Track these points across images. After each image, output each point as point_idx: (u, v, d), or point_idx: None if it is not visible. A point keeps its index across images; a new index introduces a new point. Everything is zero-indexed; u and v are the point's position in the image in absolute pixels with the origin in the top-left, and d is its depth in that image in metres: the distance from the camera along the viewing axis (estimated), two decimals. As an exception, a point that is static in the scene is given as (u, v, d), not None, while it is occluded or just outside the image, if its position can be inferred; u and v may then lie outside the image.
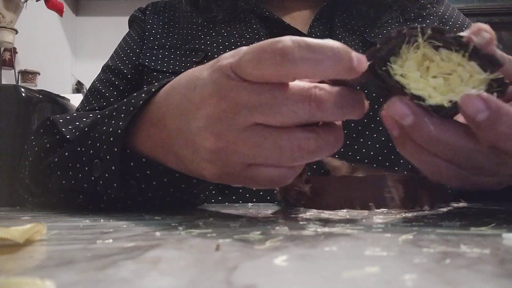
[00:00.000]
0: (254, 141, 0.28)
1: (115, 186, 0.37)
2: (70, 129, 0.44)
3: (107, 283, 0.13)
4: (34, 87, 2.05)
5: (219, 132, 0.28)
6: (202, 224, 0.28)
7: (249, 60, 0.27)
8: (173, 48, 0.65)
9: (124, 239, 0.22)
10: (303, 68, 0.26)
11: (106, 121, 0.39)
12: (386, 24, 0.63)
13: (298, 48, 0.26)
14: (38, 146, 0.46)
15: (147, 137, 0.36)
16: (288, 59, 0.26)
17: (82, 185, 0.39)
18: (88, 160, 0.39)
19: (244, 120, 0.28)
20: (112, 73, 0.67)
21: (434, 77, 0.28)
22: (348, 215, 0.34)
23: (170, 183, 0.37)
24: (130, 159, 0.37)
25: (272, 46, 0.26)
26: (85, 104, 0.66)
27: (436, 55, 0.28)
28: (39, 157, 0.45)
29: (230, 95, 0.28)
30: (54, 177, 0.42)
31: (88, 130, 0.41)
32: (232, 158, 0.29)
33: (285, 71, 0.26)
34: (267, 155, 0.28)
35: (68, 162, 0.41)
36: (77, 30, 3.00)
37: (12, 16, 1.85)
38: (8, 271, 0.15)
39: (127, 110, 0.37)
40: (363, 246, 0.19)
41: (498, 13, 2.74)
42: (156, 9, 0.72)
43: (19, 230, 0.20)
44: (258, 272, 0.14)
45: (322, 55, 0.26)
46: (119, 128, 0.36)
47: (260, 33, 0.63)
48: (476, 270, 0.14)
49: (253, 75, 0.27)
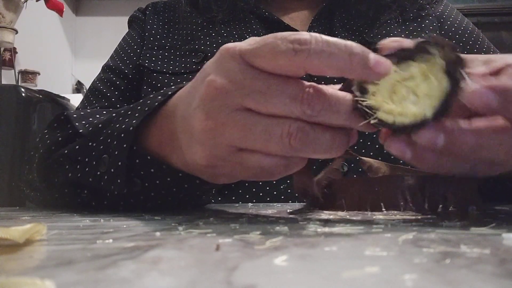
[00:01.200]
0: (243, 124, 0.28)
1: (119, 182, 0.37)
2: (84, 124, 0.45)
3: (107, 283, 0.13)
4: (34, 87, 2.05)
5: (210, 111, 0.28)
6: (202, 224, 0.28)
7: (265, 45, 0.27)
8: (173, 49, 0.65)
9: (124, 239, 0.22)
10: (317, 61, 0.26)
11: (121, 119, 0.40)
12: (385, 24, 0.63)
13: (315, 40, 0.26)
14: (50, 139, 0.47)
15: (158, 130, 0.37)
16: (305, 49, 0.26)
17: (87, 179, 0.40)
18: (97, 155, 0.40)
19: (235, 102, 0.28)
20: (112, 73, 0.67)
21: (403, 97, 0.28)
22: (348, 215, 0.34)
23: (173, 183, 0.38)
24: (136, 156, 0.37)
25: (292, 36, 0.26)
26: (85, 103, 0.66)
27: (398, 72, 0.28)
28: (50, 150, 0.46)
29: (226, 75, 0.28)
30: (62, 170, 0.43)
31: (101, 127, 0.41)
32: (221, 139, 0.29)
33: (298, 63, 0.26)
34: (256, 139, 0.28)
35: (77, 155, 0.42)
36: (77, 30, 3.00)
37: (12, 16, 1.85)
38: (8, 271, 0.15)
39: (142, 110, 0.38)
40: (363, 246, 0.19)
41: (498, 13, 2.74)
42: (156, 10, 0.72)
43: (19, 230, 0.20)
44: (258, 272, 0.14)
45: (336, 49, 0.26)
46: (131, 126, 0.37)
47: (259, 33, 0.63)
48: (476, 270, 0.14)
49: (264, 61, 0.27)
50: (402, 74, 0.28)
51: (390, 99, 0.28)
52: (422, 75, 0.27)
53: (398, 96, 0.28)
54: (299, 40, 0.26)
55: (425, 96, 0.27)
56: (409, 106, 0.27)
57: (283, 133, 0.27)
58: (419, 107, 0.27)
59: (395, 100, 0.28)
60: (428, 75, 0.27)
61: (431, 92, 0.27)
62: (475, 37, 0.66)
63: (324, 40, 0.26)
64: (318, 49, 0.26)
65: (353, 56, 0.26)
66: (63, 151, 0.43)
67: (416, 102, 0.27)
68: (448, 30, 0.66)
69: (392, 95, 0.28)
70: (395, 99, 0.28)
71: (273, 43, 0.26)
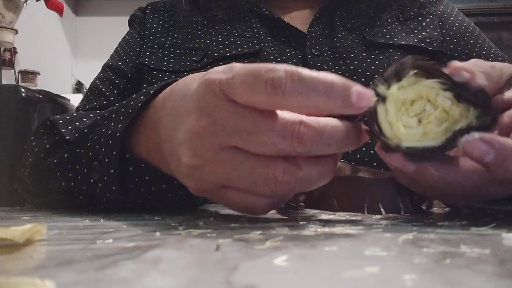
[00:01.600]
0: (229, 163, 0.27)
1: (114, 190, 0.37)
2: (70, 129, 0.44)
3: (107, 283, 0.13)
4: (34, 87, 2.05)
5: (196, 149, 0.27)
6: (202, 224, 0.28)
7: (240, 83, 0.25)
8: (173, 47, 0.65)
9: (124, 239, 0.22)
10: (294, 101, 0.25)
11: (106, 123, 0.39)
12: (386, 23, 0.63)
13: (290, 80, 0.25)
14: (38, 146, 0.46)
15: (144, 140, 0.36)
16: (279, 91, 0.24)
17: (81, 187, 0.39)
18: (87, 162, 0.39)
19: (222, 142, 0.27)
20: (112, 72, 0.67)
21: (415, 115, 0.28)
22: (348, 215, 0.34)
23: (169, 189, 0.37)
24: (129, 163, 0.37)
25: (266, 75, 0.25)
26: (85, 103, 0.66)
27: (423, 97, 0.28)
28: (39, 158, 0.45)
29: (212, 114, 0.26)
30: (54, 178, 0.42)
31: (87, 131, 0.41)
32: (206, 176, 0.28)
33: (275, 102, 0.25)
34: (241, 180, 0.27)
35: (67, 164, 0.41)
36: (77, 30, 3.00)
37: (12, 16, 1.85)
38: (8, 271, 0.15)
39: (126, 112, 0.37)
40: (363, 246, 0.19)
41: (498, 13, 2.74)
42: (156, 9, 0.72)
43: (19, 230, 0.20)
44: (258, 272, 0.14)
45: (314, 91, 0.25)
46: (118, 131, 0.36)
47: (259, 32, 0.63)
48: (476, 270, 0.14)
49: (241, 98, 0.26)
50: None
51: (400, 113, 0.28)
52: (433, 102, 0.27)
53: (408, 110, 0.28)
54: (272, 80, 0.25)
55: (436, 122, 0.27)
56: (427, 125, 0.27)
57: (268, 175, 0.26)
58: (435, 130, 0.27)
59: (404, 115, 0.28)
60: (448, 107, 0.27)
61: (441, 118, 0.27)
62: (476, 36, 0.66)
63: (301, 79, 0.25)
64: (293, 89, 0.25)
65: (332, 95, 0.25)
66: (52, 161, 0.42)
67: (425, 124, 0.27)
68: (450, 29, 0.66)
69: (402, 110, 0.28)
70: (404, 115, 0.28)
71: (249, 82, 0.25)
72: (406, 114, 0.28)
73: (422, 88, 0.28)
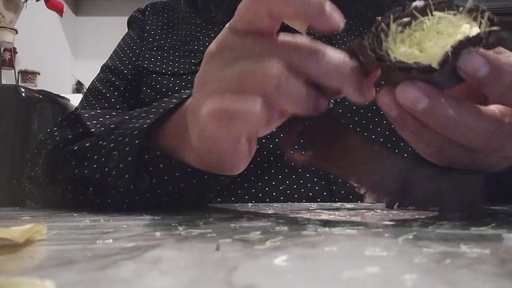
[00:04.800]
0: (231, 69, 0.28)
1: (127, 178, 0.37)
2: (95, 124, 0.45)
3: (107, 283, 0.13)
4: (34, 87, 2.05)
5: (207, 69, 0.30)
6: (202, 224, 0.28)
7: (237, 12, 0.29)
8: (172, 50, 0.65)
9: (124, 239, 0.22)
10: (273, 4, 0.27)
11: (134, 120, 0.40)
12: None
13: None
14: (59, 136, 0.47)
15: (172, 126, 0.37)
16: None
17: (94, 176, 0.40)
18: (107, 152, 0.40)
19: (228, 57, 0.29)
20: (112, 73, 0.67)
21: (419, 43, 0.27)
22: (348, 214, 0.34)
23: (181, 178, 0.38)
24: (146, 152, 0.38)
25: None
26: (85, 104, 0.66)
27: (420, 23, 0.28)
28: (58, 146, 0.46)
29: (223, 44, 0.30)
30: (68, 165, 0.43)
31: (114, 127, 0.42)
32: (211, 85, 0.29)
33: (257, 7, 0.27)
34: (233, 78, 0.28)
35: (86, 152, 0.42)
36: (77, 30, 3.00)
37: (12, 16, 1.85)
38: (8, 271, 0.15)
39: (156, 111, 0.38)
40: (363, 246, 0.19)
41: (498, 13, 2.73)
42: (155, 10, 0.72)
43: (19, 230, 0.20)
44: (258, 272, 0.14)
45: None
46: (146, 124, 0.37)
47: None
48: (476, 270, 0.14)
49: (238, 21, 0.29)
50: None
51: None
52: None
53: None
54: None
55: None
56: (431, 47, 0.26)
57: (256, 71, 0.27)
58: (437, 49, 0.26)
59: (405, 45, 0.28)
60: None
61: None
62: None
63: None
64: None
65: (309, 2, 0.27)
66: (72, 148, 0.44)
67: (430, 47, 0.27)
68: None
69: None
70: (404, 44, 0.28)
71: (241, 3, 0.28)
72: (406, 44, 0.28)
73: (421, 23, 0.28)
